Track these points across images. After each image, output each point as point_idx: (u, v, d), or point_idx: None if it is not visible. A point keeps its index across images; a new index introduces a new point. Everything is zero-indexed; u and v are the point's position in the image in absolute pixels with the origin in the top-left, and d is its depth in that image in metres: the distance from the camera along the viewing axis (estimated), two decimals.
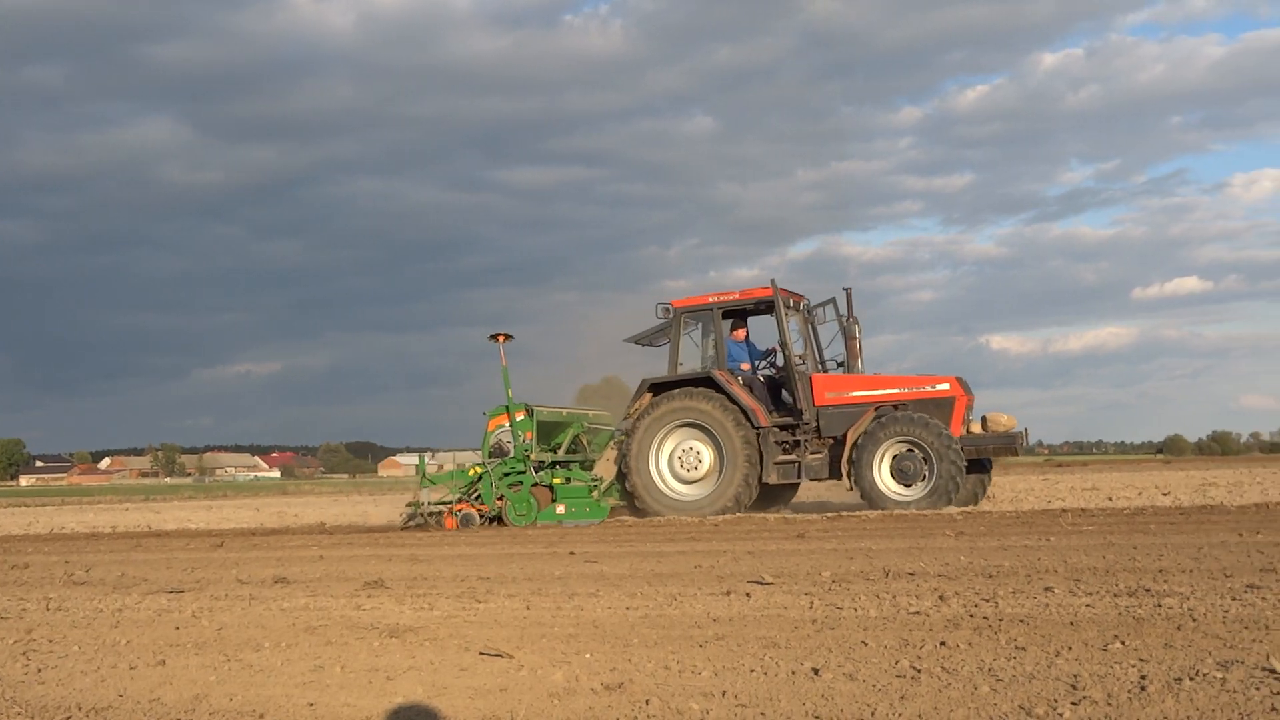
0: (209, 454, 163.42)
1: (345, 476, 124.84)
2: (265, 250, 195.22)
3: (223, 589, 9.68)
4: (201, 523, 23.10)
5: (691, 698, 4.82)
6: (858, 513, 15.21)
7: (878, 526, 13.47)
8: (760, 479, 16.35)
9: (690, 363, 17.35)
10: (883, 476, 15.76)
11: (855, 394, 16.55)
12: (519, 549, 12.53)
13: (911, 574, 8.39)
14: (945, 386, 16.41)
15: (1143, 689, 4.48)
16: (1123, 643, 5.39)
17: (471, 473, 17.47)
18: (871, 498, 15.74)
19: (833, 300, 17.37)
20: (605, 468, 17.40)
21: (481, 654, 5.99)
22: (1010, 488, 22.47)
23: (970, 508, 15.60)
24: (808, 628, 6.33)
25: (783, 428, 16.68)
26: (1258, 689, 4.39)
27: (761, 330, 17.93)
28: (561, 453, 17.89)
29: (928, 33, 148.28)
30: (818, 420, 16.54)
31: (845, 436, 16.13)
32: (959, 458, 15.52)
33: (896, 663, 5.23)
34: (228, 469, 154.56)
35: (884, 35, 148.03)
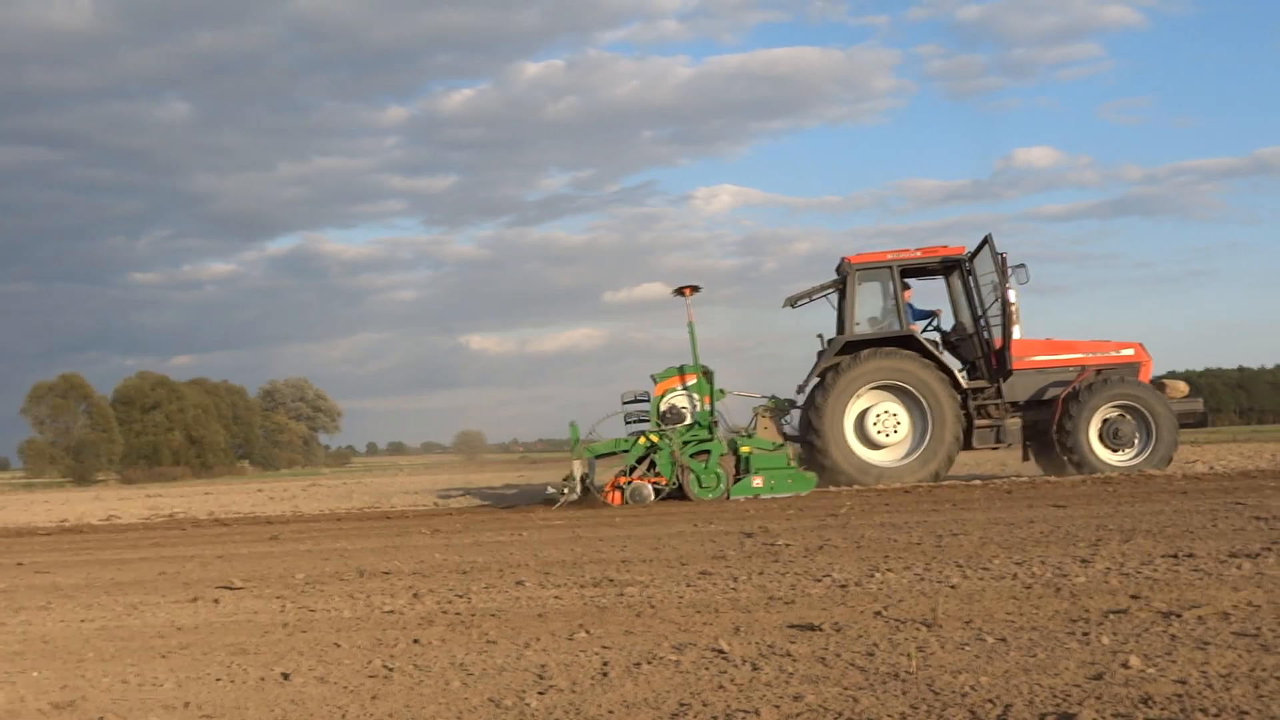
0: None
1: None
2: None
3: None
4: None
5: (151, 711, 4.54)
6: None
7: (353, 527, 13.40)
8: (964, 445, 15.82)
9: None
10: (1093, 442, 15.52)
11: (1039, 358, 16.12)
12: None
13: (387, 573, 8.38)
14: (1130, 351, 16.27)
15: (605, 675, 4.69)
16: (588, 631, 5.62)
17: (643, 441, 15.33)
18: (1088, 463, 15.45)
19: (1017, 264, 16.22)
20: (767, 436, 15.86)
21: None
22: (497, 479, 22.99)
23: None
24: (279, 632, 6.16)
25: (974, 392, 16.08)
26: (708, 669, 4.70)
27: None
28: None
29: (416, 33, 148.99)
30: (998, 384, 16.05)
31: (1053, 401, 15.76)
32: (1177, 421, 15.58)
33: (369, 663, 5.18)
34: None
35: (372, 33, 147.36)
